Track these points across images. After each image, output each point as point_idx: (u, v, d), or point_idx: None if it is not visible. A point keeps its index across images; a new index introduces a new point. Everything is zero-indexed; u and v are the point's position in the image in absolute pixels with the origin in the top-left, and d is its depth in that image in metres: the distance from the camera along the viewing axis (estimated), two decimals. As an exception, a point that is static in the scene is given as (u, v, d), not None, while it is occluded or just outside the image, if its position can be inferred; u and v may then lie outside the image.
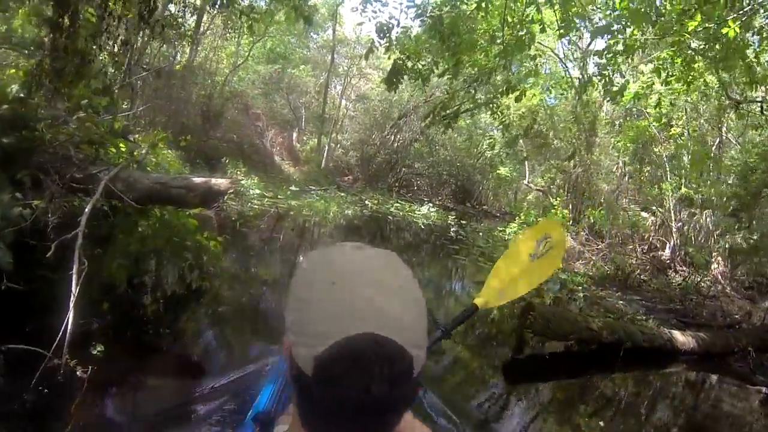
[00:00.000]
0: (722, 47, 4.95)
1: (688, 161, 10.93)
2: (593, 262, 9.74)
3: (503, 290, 1.50)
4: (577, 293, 6.95)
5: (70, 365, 2.32)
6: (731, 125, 11.69)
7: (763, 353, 5.52)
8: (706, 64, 5.46)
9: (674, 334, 5.21)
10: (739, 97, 7.76)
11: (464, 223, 14.69)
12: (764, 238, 8.43)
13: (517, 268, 1.56)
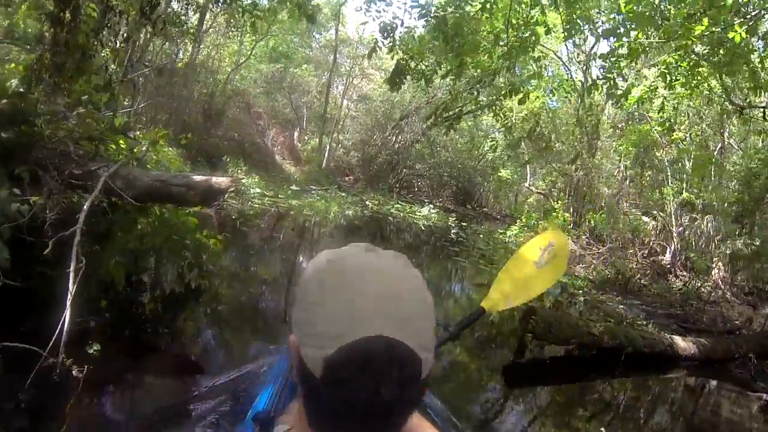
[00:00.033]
0: (726, 52, 4.93)
1: (689, 166, 10.92)
2: (594, 265, 9.71)
3: (509, 295, 1.53)
4: (577, 297, 6.93)
5: (66, 364, 2.29)
6: (733, 130, 11.68)
7: (763, 360, 5.49)
8: (709, 69, 5.44)
9: (675, 339, 5.19)
10: (741, 102, 7.74)
11: (465, 225, 14.65)
12: (766, 244, 8.41)
13: (522, 274, 1.60)
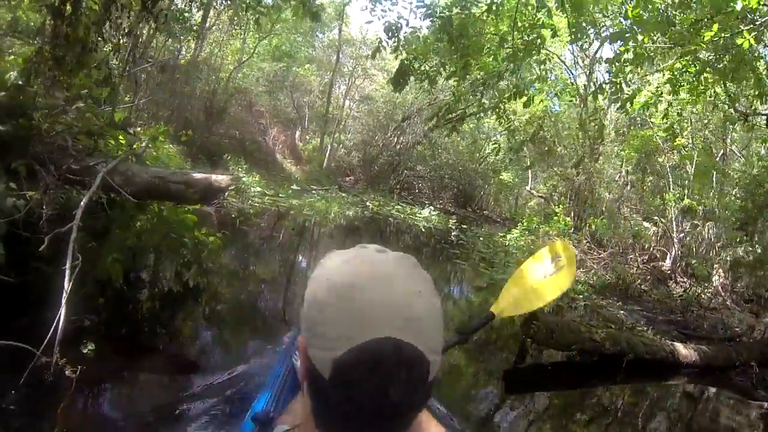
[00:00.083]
0: (732, 58, 4.89)
1: (692, 172, 10.89)
2: (594, 270, 9.66)
3: (518, 302, 1.56)
4: (577, 302, 6.90)
5: (60, 364, 2.25)
6: (735, 137, 11.66)
7: (765, 368, 5.44)
8: (715, 75, 5.41)
9: (676, 346, 5.15)
10: (745, 109, 7.71)
11: (465, 227, 14.60)
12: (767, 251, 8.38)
13: (530, 283, 1.64)
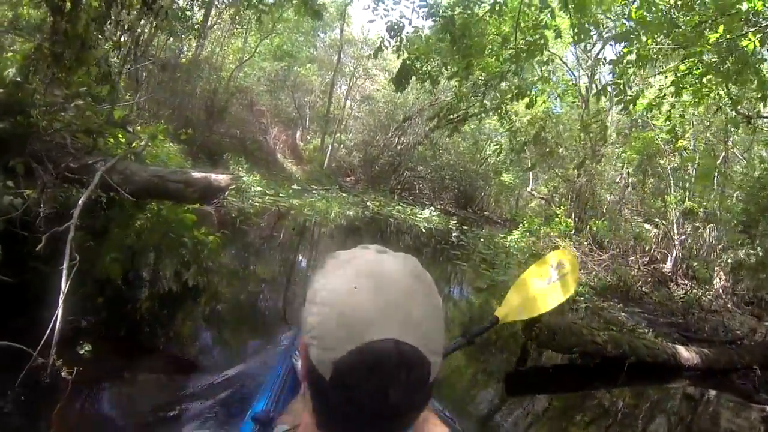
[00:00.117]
0: (736, 61, 4.86)
1: (693, 174, 10.86)
2: (595, 272, 9.63)
3: (522, 307, 1.61)
4: (578, 303, 6.88)
5: (56, 365, 2.22)
6: (737, 139, 11.63)
7: (767, 371, 5.42)
8: (718, 77, 5.38)
9: (678, 349, 5.12)
10: (747, 111, 7.68)
11: (466, 228, 14.57)
12: (769, 254, 8.34)
13: (534, 289, 1.68)
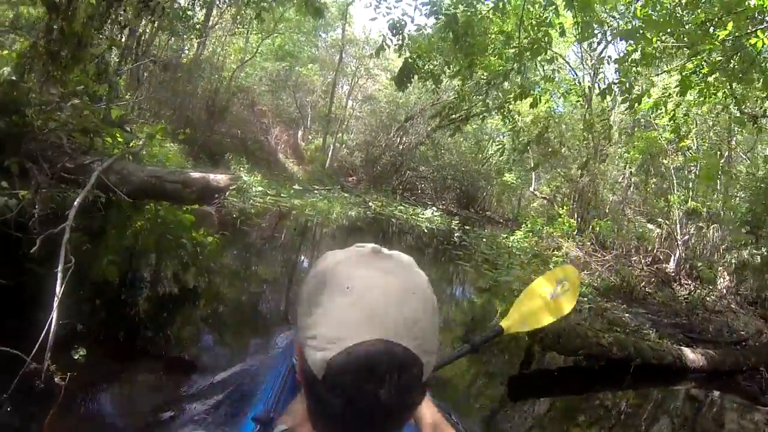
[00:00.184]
0: (740, 60, 4.81)
1: (696, 174, 10.79)
2: (598, 272, 9.57)
3: (525, 320, 1.69)
4: (582, 304, 6.81)
5: (50, 370, 2.17)
6: (740, 139, 11.56)
7: (773, 372, 5.36)
8: (723, 76, 5.32)
9: (683, 351, 5.07)
10: (752, 110, 7.62)
11: (468, 228, 14.51)
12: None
13: (537, 303, 1.76)
